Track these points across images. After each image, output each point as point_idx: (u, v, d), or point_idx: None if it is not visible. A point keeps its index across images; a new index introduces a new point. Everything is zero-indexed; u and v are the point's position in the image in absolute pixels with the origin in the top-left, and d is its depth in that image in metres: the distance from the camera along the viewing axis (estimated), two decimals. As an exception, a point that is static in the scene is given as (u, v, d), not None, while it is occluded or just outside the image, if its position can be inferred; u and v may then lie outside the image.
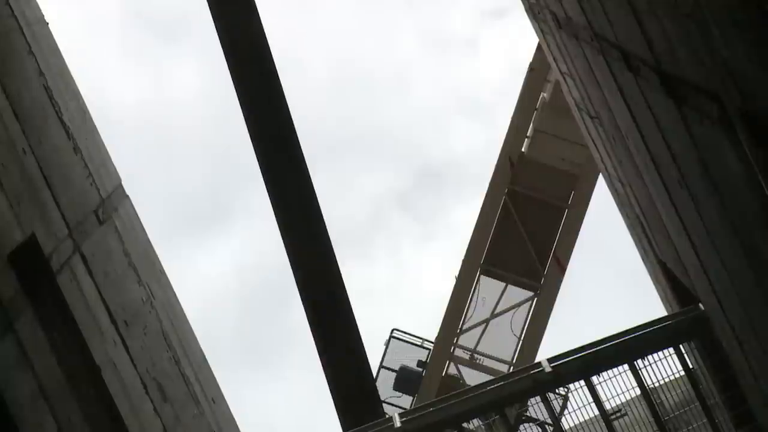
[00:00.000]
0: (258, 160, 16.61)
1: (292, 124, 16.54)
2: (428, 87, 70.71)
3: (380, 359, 22.55)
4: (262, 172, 16.58)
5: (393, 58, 71.27)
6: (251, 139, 16.57)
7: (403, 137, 66.95)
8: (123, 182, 12.62)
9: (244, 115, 16.47)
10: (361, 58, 72.41)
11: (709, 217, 6.99)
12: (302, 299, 16.45)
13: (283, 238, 16.41)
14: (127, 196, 12.51)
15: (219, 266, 58.08)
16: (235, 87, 16.36)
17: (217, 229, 63.47)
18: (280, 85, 16.40)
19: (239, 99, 16.43)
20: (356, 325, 16.57)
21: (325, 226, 16.56)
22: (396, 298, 56.04)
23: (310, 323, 16.50)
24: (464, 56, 72.30)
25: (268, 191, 16.58)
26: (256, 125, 16.49)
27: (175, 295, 13.04)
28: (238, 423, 13.76)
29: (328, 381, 16.68)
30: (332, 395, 16.69)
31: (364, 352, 16.90)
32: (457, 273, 22.49)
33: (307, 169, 16.73)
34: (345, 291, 16.60)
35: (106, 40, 71.38)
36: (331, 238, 16.35)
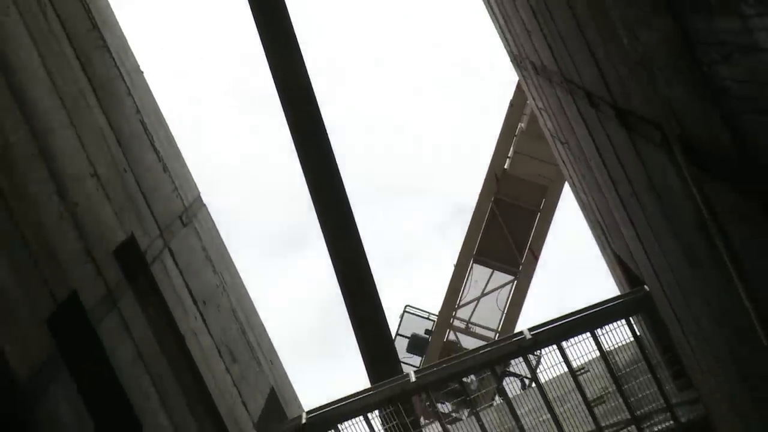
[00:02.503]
0: (309, 189, 18.00)
1: (335, 162, 17.91)
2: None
3: (396, 328, 24.04)
4: (309, 191, 18.11)
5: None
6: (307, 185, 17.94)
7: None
8: (201, 194, 13.64)
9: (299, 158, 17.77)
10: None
11: (654, 220, 7.29)
12: (344, 297, 18.33)
13: (333, 263, 18.23)
14: (204, 205, 13.50)
15: (301, 279, 61.48)
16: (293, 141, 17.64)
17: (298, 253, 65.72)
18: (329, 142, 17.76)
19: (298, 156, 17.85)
20: (383, 309, 18.55)
21: (364, 252, 18.38)
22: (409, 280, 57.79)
23: (349, 314, 18.37)
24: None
25: (319, 222, 18.09)
26: (307, 163, 17.79)
27: (242, 281, 13.90)
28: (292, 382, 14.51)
29: (361, 351, 18.45)
30: (363, 360, 18.42)
31: (388, 327, 19.02)
32: (455, 262, 24.50)
33: (347, 200, 18.20)
34: (376, 289, 18.45)
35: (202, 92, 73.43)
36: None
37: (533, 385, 12.20)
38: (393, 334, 20.69)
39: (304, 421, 11.93)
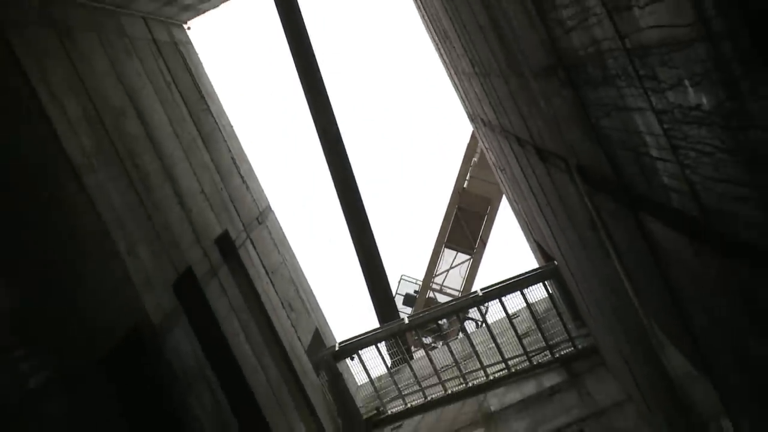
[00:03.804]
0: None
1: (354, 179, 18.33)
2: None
3: (396, 290, 23.98)
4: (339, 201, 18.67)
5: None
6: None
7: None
8: (270, 204, 13.73)
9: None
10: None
11: (561, 220, 7.23)
12: (365, 276, 19.15)
13: (357, 254, 19.07)
14: (272, 210, 13.63)
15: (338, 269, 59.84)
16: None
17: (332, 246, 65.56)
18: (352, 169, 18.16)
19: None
20: (388, 280, 19.43)
21: (377, 247, 19.15)
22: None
23: (367, 284, 19.09)
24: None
25: (347, 224, 18.77)
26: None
27: (296, 259, 13.97)
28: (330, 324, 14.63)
29: (372, 298, 19.20)
30: (374, 307, 19.17)
31: (390, 289, 19.66)
32: (433, 246, 24.57)
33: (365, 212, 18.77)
34: (385, 270, 19.29)
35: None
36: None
37: (483, 325, 12.23)
38: (393, 293, 20.73)
39: (337, 348, 11.97)
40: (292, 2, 16.92)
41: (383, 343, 12.31)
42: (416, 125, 75.87)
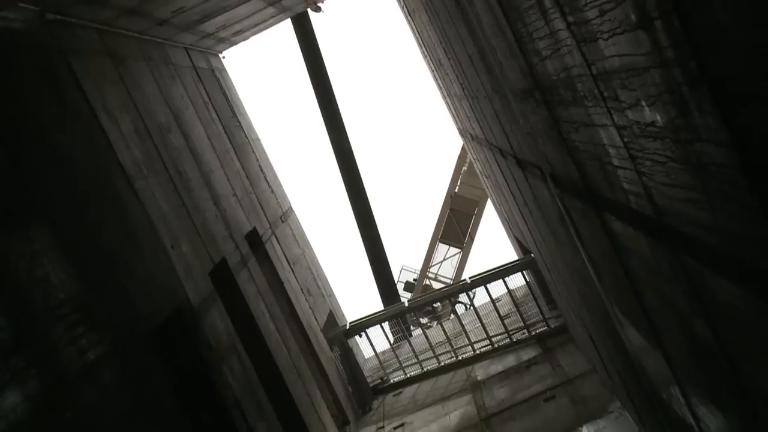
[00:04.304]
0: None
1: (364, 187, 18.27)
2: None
3: (397, 278, 23.80)
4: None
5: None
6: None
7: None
8: (292, 205, 13.68)
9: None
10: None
11: (536, 217, 7.19)
12: (371, 266, 19.02)
13: (365, 247, 18.96)
14: (293, 211, 13.56)
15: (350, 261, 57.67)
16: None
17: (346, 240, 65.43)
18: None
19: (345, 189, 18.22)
20: (390, 269, 19.22)
21: (381, 241, 18.93)
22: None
23: (374, 274, 18.96)
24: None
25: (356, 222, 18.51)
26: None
27: (314, 251, 13.86)
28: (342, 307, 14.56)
29: (377, 285, 19.07)
30: (379, 292, 19.06)
31: (392, 275, 19.40)
32: (429, 241, 24.22)
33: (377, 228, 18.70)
34: (389, 263, 19.17)
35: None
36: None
37: (471, 308, 12.22)
38: (395, 281, 20.69)
39: (347, 327, 11.96)
40: (310, 35, 16.93)
41: (387, 322, 12.31)
42: (415, 139, 76.04)
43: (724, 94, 1.94)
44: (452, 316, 13.99)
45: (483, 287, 11.45)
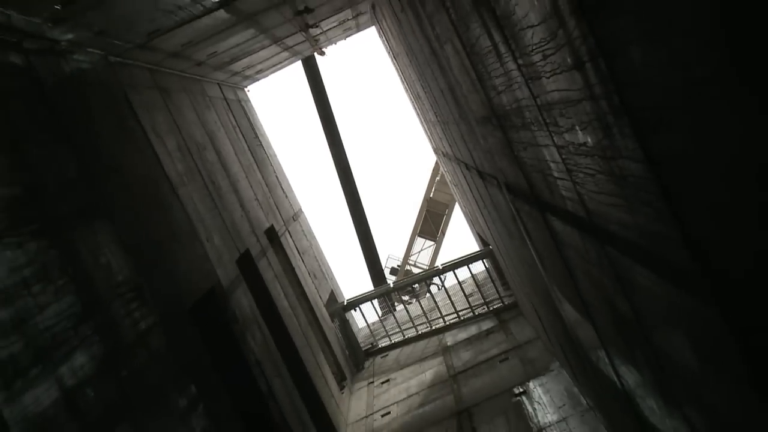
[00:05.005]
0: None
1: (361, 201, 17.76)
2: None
3: (384, 264, 23.66)
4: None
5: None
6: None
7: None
8: (302, 207, 13.50)
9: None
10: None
11: (494, 217, 7.14)
12: (364, 253, 18.28)
13: (358, 239, 18.02)
14: (303, 212, 13.30)
15: (345, 249, 54.91)
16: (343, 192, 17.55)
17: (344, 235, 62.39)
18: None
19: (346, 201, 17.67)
20: (378, 257, 18.55)
21: (371, 233, 18.12)
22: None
23: (366, 260, 18.24)
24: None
25: (352, 219, 17.82)
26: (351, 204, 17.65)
27: (318, 243, 13.62)
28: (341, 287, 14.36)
29: (368, 270, 18.41)
30: (370, 274, 18.36)
31: (380, 262, 18.78)
32: (409, 235, 23.96)
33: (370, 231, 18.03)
34: (377, 251, 18.51)
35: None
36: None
37: (443, 288, 12.21)
38: (383, 266, 20.62)
39: (345, 303, 11.92)
40: (316, 72, 16.92)
41: (376, 300, 12.29)
42: (398, 155, 75.91)
43: (640, 121, 1.95)
44: (428, 294, 13.98)
45: (452, 272, 11.42)
